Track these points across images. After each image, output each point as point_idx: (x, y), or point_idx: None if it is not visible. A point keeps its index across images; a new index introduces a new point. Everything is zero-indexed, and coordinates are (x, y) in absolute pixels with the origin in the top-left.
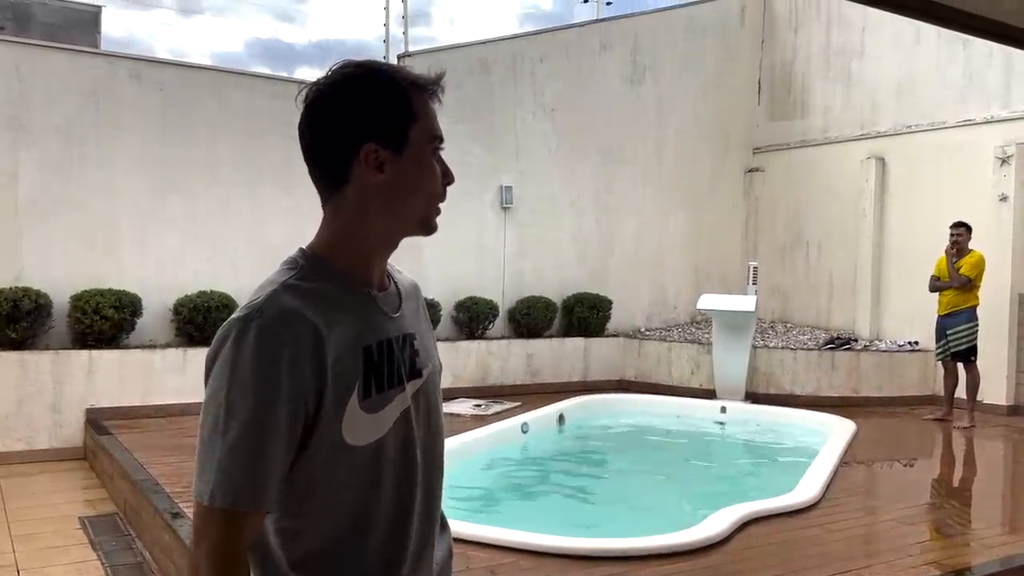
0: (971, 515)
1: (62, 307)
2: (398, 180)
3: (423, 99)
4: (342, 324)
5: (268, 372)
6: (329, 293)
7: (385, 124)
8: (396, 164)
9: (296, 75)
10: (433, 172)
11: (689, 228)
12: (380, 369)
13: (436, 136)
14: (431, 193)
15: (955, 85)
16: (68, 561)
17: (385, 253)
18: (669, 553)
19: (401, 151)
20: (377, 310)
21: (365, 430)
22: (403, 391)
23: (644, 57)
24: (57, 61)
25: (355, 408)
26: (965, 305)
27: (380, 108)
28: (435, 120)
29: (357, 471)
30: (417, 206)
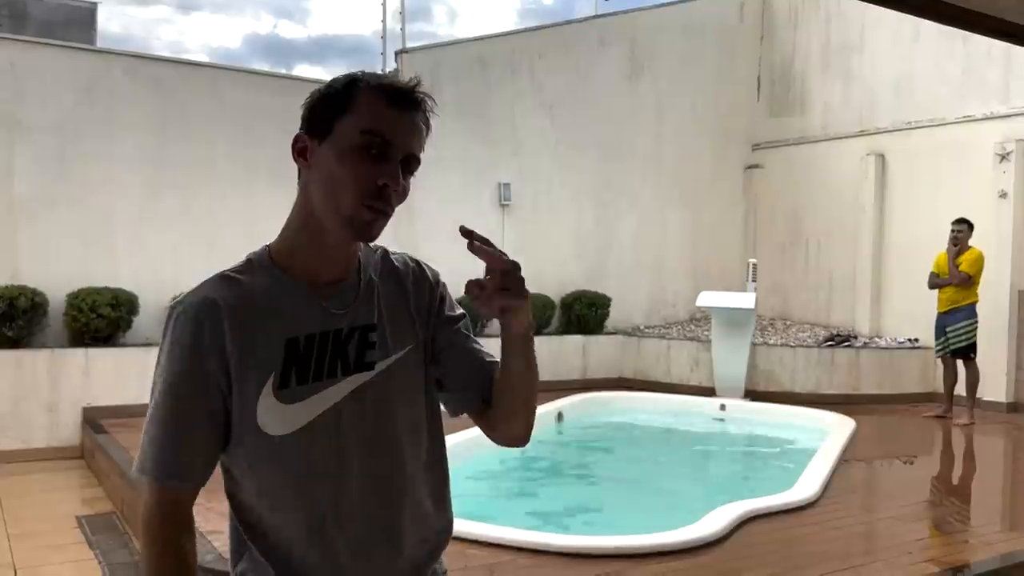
0: (970, 512)
1: (58, 305)
2: (317, 171)
3: (371, 96)
4: (263, 316)
5: (179, 357)
6: (261, 286)
7: (315, 114)
8: (318, 154)
9: (295, 71)
10: (352, 167)
11: (688, 225)
12: (305, 361)
13: (370, 130)
14: (352, 190)
15: (954, 82)
16: (65, 560)
17: (337, 251)
18: (667, 551)
19: (323, 140)
20: (314, 305)
21: (282, 420)
22: (336, 383)
23: (643, 53)
24: (53, 58)
25: (270, 398)
26: (965, 302)
27: (319, 100)
28: (380, 118)
29: (278, 460)
30: (337, 201)
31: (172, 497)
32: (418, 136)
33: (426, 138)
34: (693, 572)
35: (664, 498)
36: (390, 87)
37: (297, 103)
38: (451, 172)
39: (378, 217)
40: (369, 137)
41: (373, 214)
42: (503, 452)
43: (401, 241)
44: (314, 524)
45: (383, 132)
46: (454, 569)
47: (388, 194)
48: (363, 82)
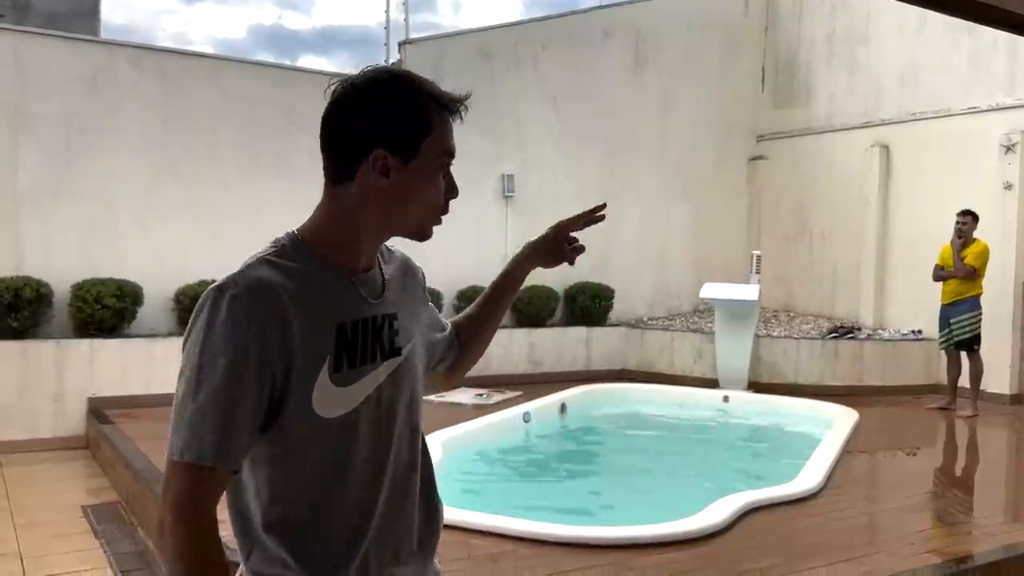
0: (973, 503)
1: (63, 296)
2: (400, 188)
3: (443, 115)
4: (315, 300)
5: (238, 338)
6: (305, 272)
7: (399, 133)
8: (402, 173)
9: (299, 62)
10: (436, 186)
11: (692, 216)
12: (353, 346)
13: (447, 152)
14: (431, 206)
15: (960, 73)
16: (71, 549)
17: (373, 247)
18: (670, 541)
19: (408, 161)
20: (354, 292)
21: (335, 403)
22: (376, 368)
23: (647, 45)
24: (57, 49)
25: (325, 381)
26: (969, 294)
27: (397, 117)
28: (450, 136)
29: (327, 443)
30: (415, 215)
31: (216, 480)
32: None
33: None
34: (695, 563)
35: (666, 489)
36: (452, 103)
37: (300, 94)
38: (454, 163)
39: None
40: (447, 159)
41: (438, 221)
42: (506, 443)
43: None
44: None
45: (452, 150)
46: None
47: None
48: (435, 100)
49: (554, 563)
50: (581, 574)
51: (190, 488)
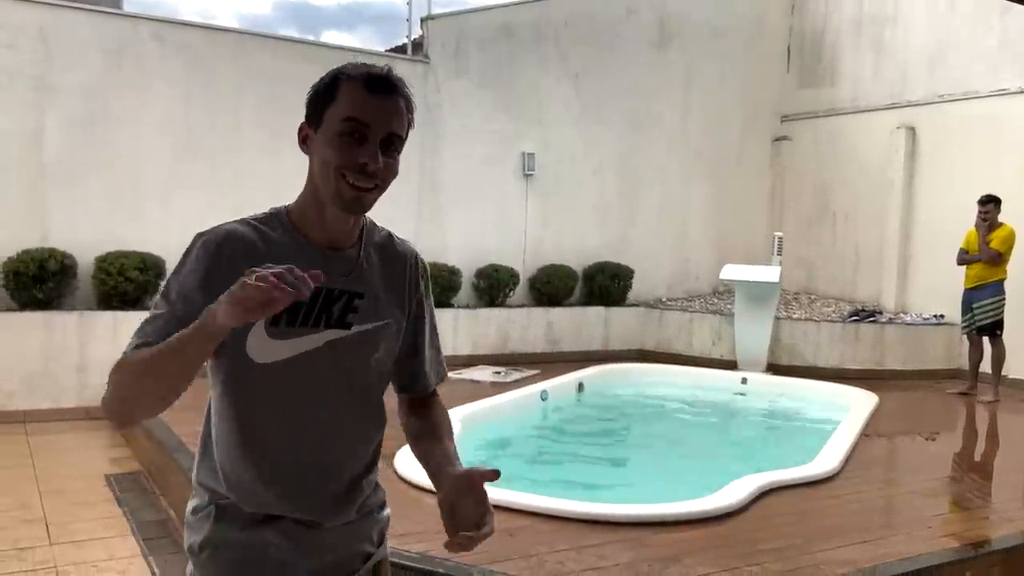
0: (992, 489)
1: (87, 268)
2: (314, 155)
3: (351, 85)
4: (275, 261)
5: (197, 270)
6: (277, 238)
7: (311, 106)
8: (314, 141)
9: (323, 38)
10: (336, 149)
11: (714, 197)
12: (296, 308)
13: (349, 117)
14: (336, 168)
15: (989, 54)
16: (95, 517)
17: (334, 220)
18: (687, 520)
19: (317, 130)
20: (317, 263)
21: (266, 351)
22: (317, 334)
23: (672, 22)
24: (81, 22)
25: (260, 329)
26: (992, 278)
27: (312, 95)
28: (358, 105)
29: (256, 384)
30: (323, 180)
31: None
32: (397, 117)
33: (409, 117)
34: (712, 541)
35: (683, 469)
36: (367, 75)
37: (324, 70)
38: (475, 141)
39: (361, 193)
40: (350, 123)
41: (356, 191)
42: (523, 421)
43: (425, 211)
44: (270, 454)
45: (362, 117)
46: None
47: (369, 172)
48: (345, 74)
49: (571, 539)
50: (598, 550)
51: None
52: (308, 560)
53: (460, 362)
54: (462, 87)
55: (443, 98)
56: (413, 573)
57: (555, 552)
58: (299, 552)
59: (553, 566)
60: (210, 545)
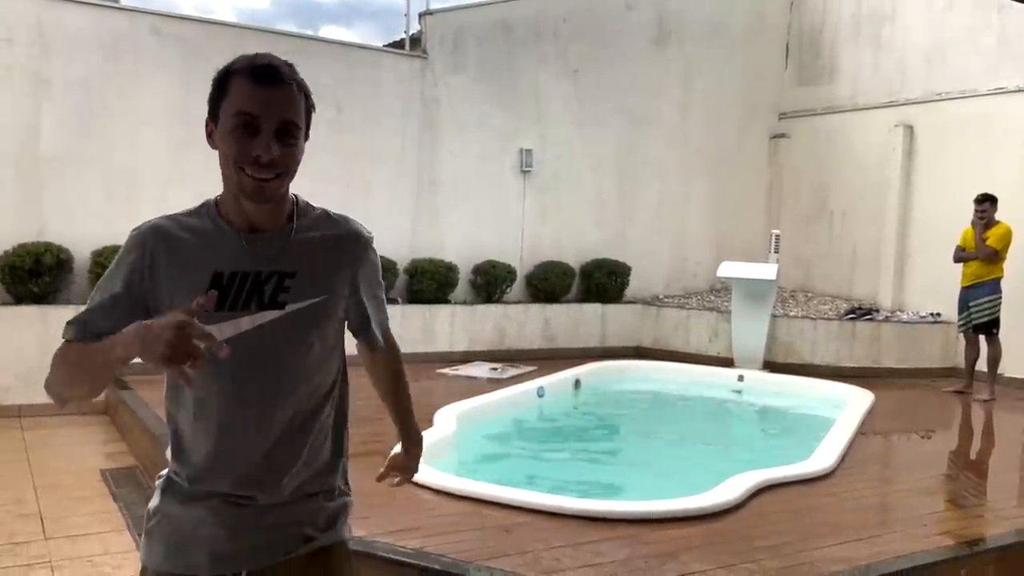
0: (987, 487)
1: (83, 262)
2: (219, 149)
3: (238, 79)
4: (200, 250)
5: (121, 262)
6: (202, 227)
7: (210, 103)
8: (217, 135)
9: (321, 33)
10: (230, 143)
11: (711, 194)
12: (225, 292)
13: (240, 111)
14: (234, 160)
15: (988, 52)
16: (90, 512)
17: (249, 207)
18: (683, 517)
19: (217, 123)
20: (243, 248)
21: None
22: (247, 316)
23: (671, 18)
24: (78, 15)
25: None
26: (989, 277)
27: (211, 91)
28: (246, 97)
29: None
30: (229, 172)
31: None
32: (289, 104)
33: (305, 102)
34: (708, 538)
35: (680, 465)
36: (251, 68)
37: (321, 65)
38: (472, 138)
39: (261, 183)
40: (241, 117)
41: (256, 182)
42: (520, 417)
43: (422, 207)
44: (207, 432)
45: (250, 109)
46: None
47: (264, 163)
48: (233, 69)
49: (568, 535)
50: (595, 547)
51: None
52: (236, 538)
53: (457, 358)
54: (460, 83)
55: (440, 93)
56: (409, 568)
57: (551, 548)
58: (226, 529)
59: (549, 563)
60: (157, 514)
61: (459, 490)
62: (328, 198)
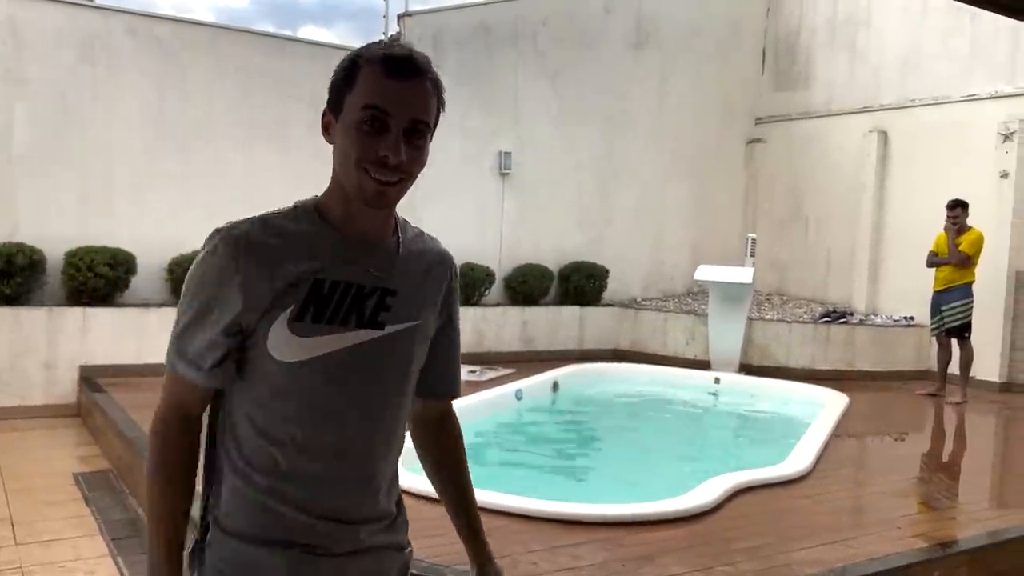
0: (959, 489)
1: (56, 263)
2: (336, 144)
3: (370, 70)
4: (301, 255)
5: (213, 276)
6: (300, 230)
7: (332, 92)
8: (336, 129)
9: (301, 33)
10: (354, 140)
11: (689, 198)
12: (325, 303)
13: (368, 105)
14: (356, 159)
15: (961, 59)
16: (63, 516)
17: (361, 213)
18: (660, 520)
19: (338, 118)
20: (349, 257)
21: (288, 349)
22: (345, 332)
23: (648, 22)
24: (52, 14)
25: (283, 326)
26: (961, 281)
27: (333, 79)
28: (377, 91)
29: (280, 386)
30: (348, 173)
31: (188, 391)
32: (422, 101)
33: (437, 100)
34: (685, 541)
35: (658, 468)
36: (385, 58)
37: (298, 65)
38: (451, 140)
39: (384, 187)
40: (369, 112)
41: (378, 185)
42: (498, 420)
43: (399, 208)
44: (295, 451)
45: (381, 105)
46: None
47: (391, 165)
48: (362, 57)
49: (546, 539)
50: (572, 550)
51: (167, 397)
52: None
53: None
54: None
55: None
56: None
57: (529, 552)
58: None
59: (527, 567)
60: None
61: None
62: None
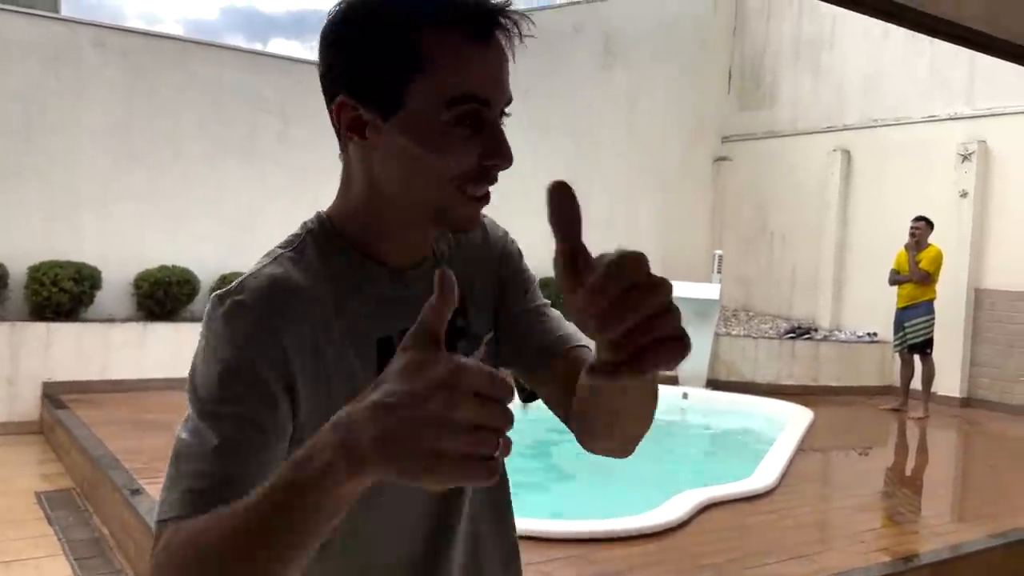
0: (922, 503)
1: (19, 278)
2: (387, 152)
3: (444, 42)
4: (350, 307)
5: (238, 359)
6: (337, 269)
7: (369, 75)
8: (384, 133)
9: (271, 45)
10: (443, 148)
11: (657, 214)
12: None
13: (464, 95)
14: (451, 176)
15: (921, 81)
16: (25, 536)
17: (412, 235)
18: (629, 536)
19: (390, 116)
20: (402, 292)
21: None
22: None
23: (617, 41)
24: (16, 24)
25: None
26: (923, 298)
27: (369, 54)
28: (467, 75)
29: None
30: (426, 190)
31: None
32: (507, 70)
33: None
34: (654, 557)
35: (626, 484)
36: (466, 13)
37: (268, 81)
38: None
39: (482, 203)
40: (463, 107)
41: (477, 204)
42: None
43: None
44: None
45: (478, 92)
46: None
47: (496, 175)
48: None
49: None
50: (540, 568)
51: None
52: None
53: None
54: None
55: None
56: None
57: None
58: None
59: None
60: None
61: None
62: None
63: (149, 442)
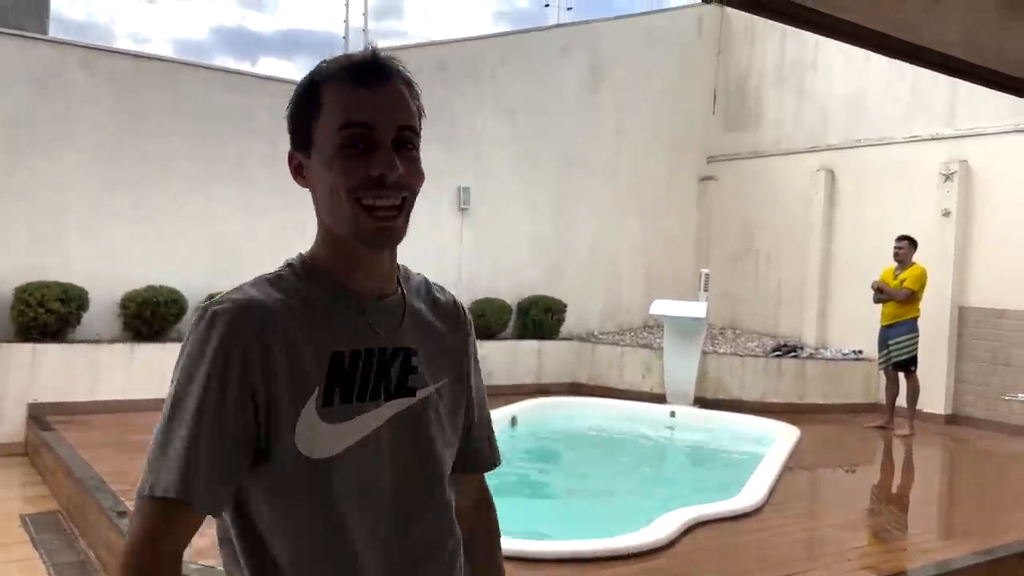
0: (908, 521)
1: (6, 299)
2: (316, 185)
3: (336, 86)
4: (311, 326)
5: (218, 365)
6: (307, 294)
7: (296, 127)
8: (311, 167)
9: (260, 65)
10: (339, 168)
11: (644, 233)
12: (350, 379)
13: (347, 123)
14: (348, 190)
15: (903, 102)
16: (9, 559)
17: (369, 261)
18: (616, 556)
19: (310, 152)
20: (360, 319)
21: (322, 442)
22: (378, 408)
23: (604, 64)
24: (4, 47)
25: (312, 415)
26: (907, 316)
27: (295, 111)
28: (351, 105)
29: (314, 486)
30: (340, 211)
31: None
32: (403, 104)
33: (416, 104)
34: None
35: (614, 503)
36: (351, 67)
37: (257, 102)
38: None
39: (384, 221)
40: (349, 131)
41: (377, 221)
42: None
43: None
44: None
45: (361, 119)
46: None
47: (390, 183)
48: (322, 75)
49: None
50: None
51: (151, 526)
52: None
53: None
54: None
55: None
56: None
57: None
58: None
59: None
60: None
61: None
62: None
63: (136, 464)
